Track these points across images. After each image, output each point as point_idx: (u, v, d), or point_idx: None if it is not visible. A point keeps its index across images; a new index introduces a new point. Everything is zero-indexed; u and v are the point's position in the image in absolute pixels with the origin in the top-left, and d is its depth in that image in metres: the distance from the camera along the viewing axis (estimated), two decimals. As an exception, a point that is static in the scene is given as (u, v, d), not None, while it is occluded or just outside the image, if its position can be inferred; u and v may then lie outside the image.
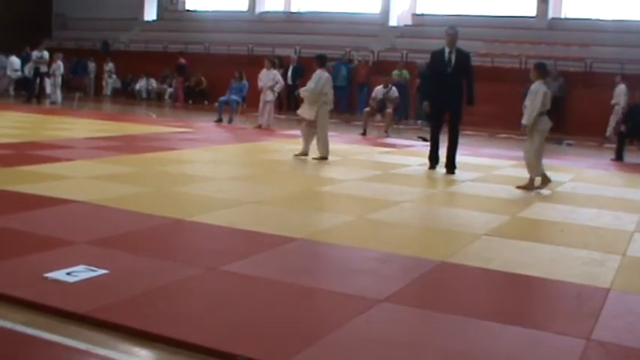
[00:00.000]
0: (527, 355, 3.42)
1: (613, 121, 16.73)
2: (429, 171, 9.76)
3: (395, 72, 20.10)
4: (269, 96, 15.28)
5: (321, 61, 10.45)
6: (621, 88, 17.00)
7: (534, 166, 8.37)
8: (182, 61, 23.53)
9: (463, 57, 9.69)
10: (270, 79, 15.28)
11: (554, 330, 3.73)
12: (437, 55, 9.74)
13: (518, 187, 8.41)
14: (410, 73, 20.17)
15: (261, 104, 15.39)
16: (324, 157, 10.14)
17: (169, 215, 5.92)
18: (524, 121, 8.31)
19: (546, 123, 8.37)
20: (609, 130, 16.92)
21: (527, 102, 8.38)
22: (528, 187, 8.39)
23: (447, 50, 9.56)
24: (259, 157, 10.50)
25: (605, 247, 5.66)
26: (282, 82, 15.99)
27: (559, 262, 5.15)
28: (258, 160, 10.10)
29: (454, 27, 9.80)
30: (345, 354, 3.32)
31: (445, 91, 9.50)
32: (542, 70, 8.48)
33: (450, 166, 9.63)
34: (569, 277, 4.73)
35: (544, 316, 4.01)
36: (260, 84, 15.37)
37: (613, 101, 17.06)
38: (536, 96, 8.22)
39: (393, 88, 15.95)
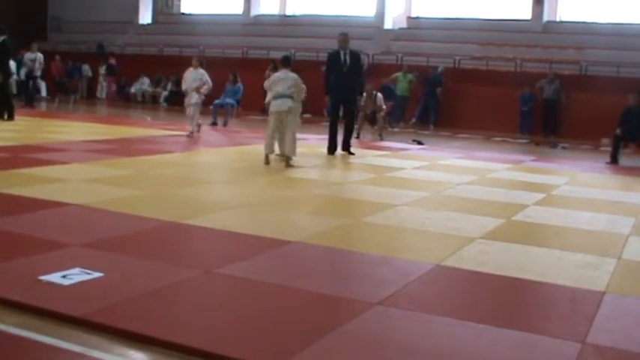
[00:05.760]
0: (522, 358, 3.42)
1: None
2: (345, 156, 11.13)
3: (399, 74, 19.93)
4: (193, 98, 13.15)
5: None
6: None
7: (266, 140, 9.87)
8: (112, 61, 25.11)
9: (355, 57, 11.33)
10: (196, 79, 13.20)
11: (549, 333, 3.73)
12: (334, 57, 11.23)
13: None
14: (415, 76, 20.01)
15: (188, 110, 13.32)
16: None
17: (164, 218, 5.92)
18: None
19: (272, 106, 9.84)
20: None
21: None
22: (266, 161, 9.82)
23: (341, 52, 11.09)
24: (254, 160, 10.49)
25: (601, 251, 5.66)
26: (210, 83, 13.35)
27: (554, 265, 5.15)
28: (253, 163, 10.08)
29: (344, 32, 11.31)
30: (339, 357, 3.31)
31: (342, 88, 11.12)
32: (284, 63, 10.08)
33: (348, 149, 11.47)
34: (564, 280, 4.74)
35: (539, 319, 4.01)
36: (184, 85, 13.41)
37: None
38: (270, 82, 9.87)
39: (379, 94, 15.92)
